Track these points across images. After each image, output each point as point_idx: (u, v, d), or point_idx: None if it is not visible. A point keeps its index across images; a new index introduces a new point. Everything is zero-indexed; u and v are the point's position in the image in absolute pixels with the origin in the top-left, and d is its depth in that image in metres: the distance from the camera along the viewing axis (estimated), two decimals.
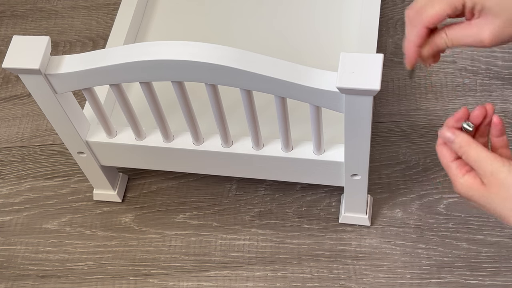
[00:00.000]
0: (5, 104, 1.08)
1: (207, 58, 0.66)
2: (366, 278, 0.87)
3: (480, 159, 0.66)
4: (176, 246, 0.92)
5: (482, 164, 0.66)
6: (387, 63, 1.04)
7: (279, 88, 0.68)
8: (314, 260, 0.89)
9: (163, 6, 1.03)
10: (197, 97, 0.82)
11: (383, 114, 1.00)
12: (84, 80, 0.72)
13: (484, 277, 0.85)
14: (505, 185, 0.64)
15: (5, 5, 1.20)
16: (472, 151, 0.66)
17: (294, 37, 0.97)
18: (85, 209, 0.96)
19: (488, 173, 0.65)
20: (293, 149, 0.80)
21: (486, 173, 0.65)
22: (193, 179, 0.97)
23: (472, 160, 0.66)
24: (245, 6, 1.01)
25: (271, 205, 0.94)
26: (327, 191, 0.94)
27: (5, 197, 0.99)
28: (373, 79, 0.64)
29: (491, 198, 0.65)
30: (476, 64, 1.03)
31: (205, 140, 0.82)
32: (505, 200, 0.64)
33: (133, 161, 0.87)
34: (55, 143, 1.03)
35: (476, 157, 0.66)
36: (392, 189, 0.93)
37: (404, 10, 1.09)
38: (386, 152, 0.96)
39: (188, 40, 0.73)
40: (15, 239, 0.95)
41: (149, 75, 0.70)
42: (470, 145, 0.67)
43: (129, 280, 0.90)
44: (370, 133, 0.72)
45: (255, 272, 0.89)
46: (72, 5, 1.18)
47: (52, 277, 0.91)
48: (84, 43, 1.13)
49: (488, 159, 0.66)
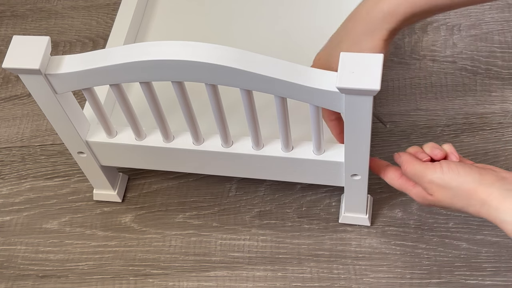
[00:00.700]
0: (5, 104, 1.08)
1: (207, 58, 0.66)
2: (366, 278, 0.87)
3: (416, 173, 0.71)
4: (176, 246, 0.92)
5: (419, 176, 0.71)
6: (387, 63, 1.04)
7: (279, 88, 0.68)
8: (314, 260, 0.89)
9: (163, 6, 1.03)
10: (197, 97, 0.82)
11: (383, 114, 1.00)
12: (84, 80, 0.72)
13: (484, 277, 0.85)
14: (445, 185, 0.69)
15: (5, 5, 1.20)
16: (409, 167, 0.72)
17: (294, 37, 0.97)
18: (85, 209, 0.96)
19: (427, 183, 0.70)
20: (293, 149, 0.80)
21: (425, 183, 0.71)
22: (193, 179, 0.97)
23: (411, 176, 0.72)
24: (245, 6, 1.01)
25: (271, 205, 0.94)
26: (327, 191, 0.94)
27: (5, 197, 0.99)
28: (373, 79, 0.64)
29: (445, 202, 0.70)
30: (476, 64, 1.03)
31: (205, 140, 0.82)
32: (453, 198, 0.69)
33: (133, 161, 0.87)
34: (55, 143, 1.03)
35: (413, 172, 0.72)
36: (392, 189, 0.93)
37: None
38: (386, 152, 0.96)
39: (188, 40, 0.73)
40: (15, 239, 0.95)
41: (149, 75, 0.70)
42: (408, 162, 0.73)
43: (129, 280, 0.90)
44: (370, 133, 0.72)
45: (255, 272, 0.89)
46: (72, 5, 1.18)
47: (52, 277, 0.91)
48: (84, 43, 1.13)
49: (422, 170, 0.71)
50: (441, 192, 0.69)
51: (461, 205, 0.68)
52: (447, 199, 0.69)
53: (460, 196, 0.68)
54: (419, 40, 1.06)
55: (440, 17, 1.08)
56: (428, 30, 1.07)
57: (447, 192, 0.69)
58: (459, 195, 0.68)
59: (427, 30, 1.07)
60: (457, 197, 0.68)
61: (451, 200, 0.69)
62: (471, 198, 0.67)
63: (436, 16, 1.08)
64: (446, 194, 0.69)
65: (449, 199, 0.69)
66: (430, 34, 1.06)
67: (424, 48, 1.05)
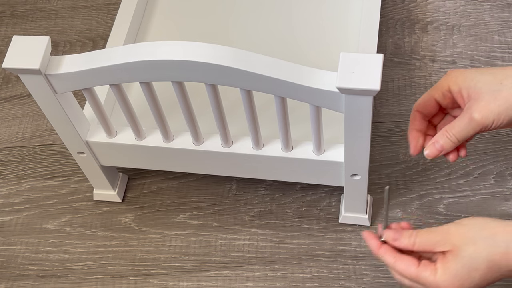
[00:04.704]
0: (5, 104, 1.08)
1: (207, 58, 0.66)
2: (366, 278, 0.87)
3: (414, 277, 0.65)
4: (176, 246, 0.92)
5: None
6: (387, 63, 1.04)
7: (279, 88, 0.68)
8: (314, 260, 0.89)
9: (163, 6, 1.03)
10: (197, 97, 0.82)
11: (383, 114, 1.00)
12: (84, 80, 0.72)
13: None
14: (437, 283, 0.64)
15: (5, 5, 1.20)
16: (398, 266, 0.66)
17: (294, 38, 0.97)
18: (85, 209, 0.96)
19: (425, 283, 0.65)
20: (293, 149, 0.80)
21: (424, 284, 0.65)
22: (193, 179, 0.97)
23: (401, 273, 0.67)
24: (245, 6, 1.01)
25: (271, 205, 0.94)
26: (327, 191, 0.94)
27: (5, 197, 0.99)
28: (373, 79, 0.64)
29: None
30: (476, 64, 1.03)
31: (205, 140, 0.82)
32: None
33: (133, 161, 0.87)
34: (55, 143, 1.03)
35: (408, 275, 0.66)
36: (392, 189, 0.93)
37: (404, 10, 1.10)
38: (386, 152, 0.96)
39: (188, 40, 0.73)
40: (15, 239, 0.95)
41: (149, 75, 0.70)
42: (396, 261, 0.66)
43: (129, 280, 0.90)
44: (370, 133, 0.72)
45: (255, 272, 0.89)
46: (72, 5, 1.18)
47: (52, 277, 0.91)
48: (84, 43, 1.13)
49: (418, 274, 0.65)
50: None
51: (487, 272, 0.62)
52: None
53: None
54: (419, 40, 1.06)
55: (440, 17, 1.08)
56: (428, 30, 1.07)
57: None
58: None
59: (427, 30, 1.07)
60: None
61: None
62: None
63: (436, 16, 1.08)
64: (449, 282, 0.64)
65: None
66: (430, 34, 1.06)
67: (424, 48, 1.05)
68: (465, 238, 0.63)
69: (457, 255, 0.62)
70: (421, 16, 1.09)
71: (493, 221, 0.64)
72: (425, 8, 1.10)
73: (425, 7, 1.10)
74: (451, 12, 1.09)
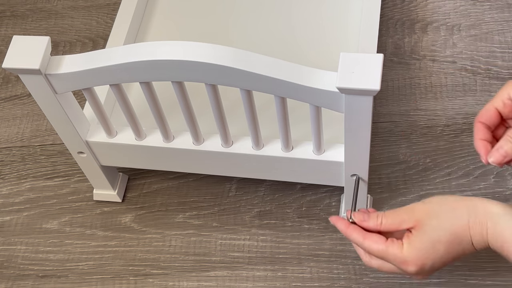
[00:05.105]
0: (5, 104, 1.08)
1: (207, 58, 0.66)
2: (366, 278, 0.87)
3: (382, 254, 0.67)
4: (176, 246, 0.92)
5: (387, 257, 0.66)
6: (387, 63, 1.04)
7: (279, 88, 0.68)
8: (314, 260, 0.89)
9: (163, 6, 1.03)
10: (197, 97, 0.82)
11: (383, 114, 1.00)
12: (84, 80, 0.72)
13: (484, 277, 0.85)
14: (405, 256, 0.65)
15: (5, 5, 1.20)
16: (373, 247, 0.67)
17: (294, 38, 0.97)
18: (85, 209, 0.96)
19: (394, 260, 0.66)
20: (293, 149, 0.80)
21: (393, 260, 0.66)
22: (193, 179, 0.97)
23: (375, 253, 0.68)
24: (245, 6, 1.01)
25: (271, 205, 0.94)
26: (327, 191, 0.94)
27: (5, 197, 0.99)
28: (373, 79, 0.64)
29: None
30: (476, 64, 1.03)
31: (205, 140, 0.82)
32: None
33: (133, 161, 0.87)
34: (55, 143, 1.03)
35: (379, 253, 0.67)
36: (392, 189, 0.93)
37: (404, 10, 1.10)
38: (386, 152, 0.96)
39: (188, 40, 0.73)
40: (15, 239, 0.95)
41: (149, 75, 0.70)
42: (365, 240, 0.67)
43: (129, 280, 0.90)
44: (370, 133, 0.72)
45: (255, 272, 0.89)
46: (72, 5, 1.18)
47: (52, 277, 0.91)
48: (84, 43, 1.13)
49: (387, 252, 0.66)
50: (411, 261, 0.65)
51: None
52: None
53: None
54: (419, 40, 1.06)
55: (440, 17, 1.08)
56: (428, 30, 1.07)
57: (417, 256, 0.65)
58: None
59: (427, 30, 1.07)
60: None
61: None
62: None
63: (436, 16, 1.08)
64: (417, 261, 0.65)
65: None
66: (430, 34, 1.07)
67: (424, 48, 1.05)
68: (428, 213, 0.65)
69: (421, 229, 0.65)
70: (421, 16, 1.09)
71: (455, 196, 0.66)
72: (425, 8, 1.10)
73: (425, 7, 1.10)
74: (451, 12, 1.09)
